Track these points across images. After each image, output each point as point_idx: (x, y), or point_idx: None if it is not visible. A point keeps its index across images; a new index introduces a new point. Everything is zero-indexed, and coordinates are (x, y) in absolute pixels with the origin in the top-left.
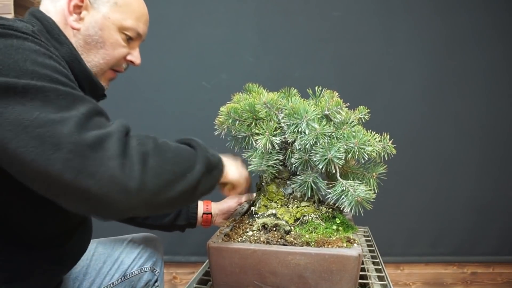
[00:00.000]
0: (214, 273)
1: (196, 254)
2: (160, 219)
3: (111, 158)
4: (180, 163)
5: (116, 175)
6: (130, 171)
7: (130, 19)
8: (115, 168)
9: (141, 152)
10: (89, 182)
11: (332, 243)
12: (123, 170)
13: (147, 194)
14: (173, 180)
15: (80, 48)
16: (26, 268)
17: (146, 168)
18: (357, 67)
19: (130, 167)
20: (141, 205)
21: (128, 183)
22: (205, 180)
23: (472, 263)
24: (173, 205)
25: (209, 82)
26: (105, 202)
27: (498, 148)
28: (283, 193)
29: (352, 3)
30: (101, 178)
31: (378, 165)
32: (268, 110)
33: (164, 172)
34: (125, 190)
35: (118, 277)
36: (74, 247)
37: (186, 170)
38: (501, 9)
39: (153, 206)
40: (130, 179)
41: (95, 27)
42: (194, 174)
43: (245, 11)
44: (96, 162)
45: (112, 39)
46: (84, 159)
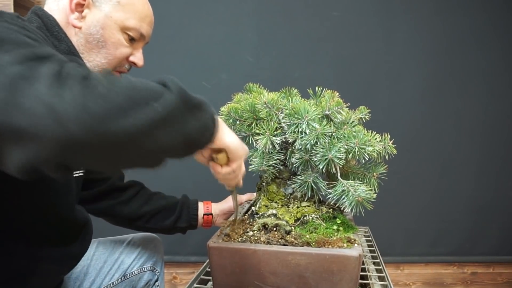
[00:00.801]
0: (214, 273)
1: (196, 254)
2: (161, 222)
3: (40, 81)
4: (141, 89)
5: (44, 97)
6: (63, 91)
7: (133, 19)
8: (44, 89)
9: (82, 74)
10: (14, 114)
11: (332, 243)
12: (53, 91)
13: (88, 119)
14: (129, 105)
15: (82, 47)
16: (28, 268)
17: (86, 88)
18: (357, 67)
19: (64, 87)
20: (84, 135)
21: (59, 103)
22: (183, 118)
23: (472, 263)
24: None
25: (209, 82)
26: (36, 135)
27: (498, 148)
28: (284, 193)
29: (352, 3)
30: (28, 105)
31: (379, 165)
32: (268, 110)
33: (115, 95)
34: (55, 112)
35: (119, 277)
36: (76, 247)
37: (149, 97)
38: (500, 9)
39: (102, 138)
40: (63, 98)
41: (96, 26)
42: (163, 103)
43: (245, 11)
44: (25, 90)
45: (114, 39)
46: (11, 90)
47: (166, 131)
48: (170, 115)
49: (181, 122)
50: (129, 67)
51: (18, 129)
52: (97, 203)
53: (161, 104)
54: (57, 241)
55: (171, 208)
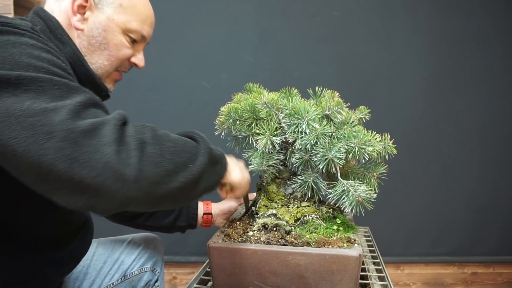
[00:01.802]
0: (214, 273)
1: (196, 254)
2: (160, 220)
3: (106, 145)
4: (181, 153)
5: (112, 162)
6: (127, 157)
7: (135, 21)
8: (111, 154)
9: (139, 139)
10: (83, 171)
11: (332, 243)
12: (119, 156)
13: (145, 183)
14: (173, 170)
15: (84, 49)
16: (27, 270)
17: (144, 155)
18: (357, 67)
19: (126, 153)
20: (140, 195)
21: (124, 170)
22: (208, 174)
23: (472, 263)
24: (174, 199)
25: (209, 82)
26: (101, 192)
27: (498, 148)
28: (284, 193)
29: (352, 3)
30: (96, 165)
31: (379, 165)
32: (268, 110)
33: (164, 161)
34: (121, 177)
35: (118, 277)
36: (76, 249)
37: (188, 161)
38: (500, 9)
39: (152, 197)
40: (127, 165)
41: (98, 28)
42: (197, 166)
43: (245, 11)
44: (90, 149)
45: (116, 41)
46: (77, 146)
47: (197, 187)
48: (201, 174)
49: (207, 177)
50: (130, 67)
51: (83, 182)
52: None
53: (196, 167)
54: (58, 243)
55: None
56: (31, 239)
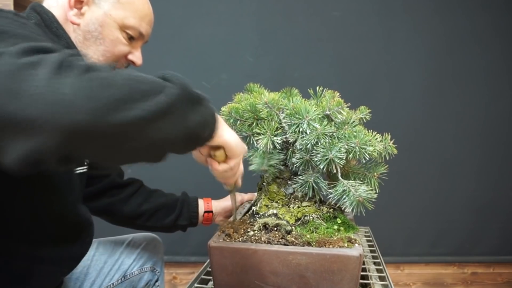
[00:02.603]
0: (215, 273)
1: (196, 254)
2: (161, 220)
3: (43, 72)
4: (145, 82)
5: (46, 85)
6: (68, 78)
7: (133, 18)
8: (45, 78)
9: (87, 64)
10: (15, 104)
11: (333, 243)
12: (54, 78)
13: (96, 107)
14: (134, 96)
15: (80, 44)
16: (27, 269)
17: (87, 76)
18: (357, 67)
19: (68, 75)
20: (86, 122)
21: (61, 89)
22: (184, 111)
23: (472, 263)
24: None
25: (209, 82)
26: (38, 124)
27: (498, 148)
28: (284, 193)
29: (352, 3)
30: (28, 93)
31: (379, 165)
32: (269, 110)
33: (120, 85)
34: (57, 99)
35: (119, 277)
36: (75, 248)
37: (154, 90)
38: (500, 9)
39: (105, 128)
40: (65, 84)
41: (95, 23)
42: (166, 96)
43: (245, 11)
44: (26, 79)
45: (113, 37)
46: (13, 79)
47: (169, 122)
48: (173, 106)
49: (183, 114)
50: (127, 65)
51: (20, 118)
52: (96, 201)
53: (165, 95)
54: (57, 242)
55: (171, 205)
56: (29, 237)
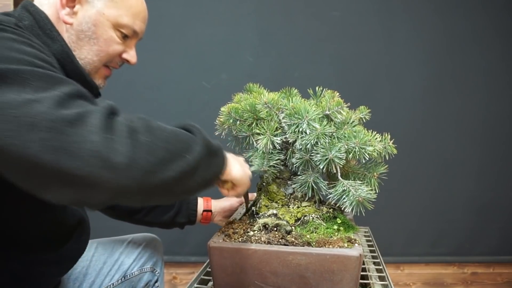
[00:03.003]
0: (215, 273)
1: (196, 254)
2: (160, 216)
3: (93, 133)
4: (176, 142)
5: (100, 150)
6: (116, 145)
7: (126, 16)
8: (98, 142)
9: (129, 127)
10: (70, 161)
11: (333, 243)
12: (107, 144)
13: (137, 171)
14: (167, 158)
15: (73, 44)
16: (23, 272)
17: (134, 142)
18: (357, 67)
19: (115, 141)
20: (131, 185)
21: (114, 157)
22: (205, 166)
23: (472, 263)
24: (169, 191)
25: (209, 82)
26: (90, 183)
27: (498, 148)
28: (284, 193)
29: (352, 3)
30: (83, 155)
31: (379, 165)
32: (269, 110)
33: (157, 149)
34: (111, 166)
35: (118, 277)
36: (72, 249)
37: (183, 150)
38: (500, 9)
39: (145, 188)
40: (116, 153)
41: (88, 22)
42: (193, 156)
43: (245, 11)
44: (76, 138)
45: (106, 36)
46: (62, 136)
47: (193, 178)
48: (198, 165)
49: (204, 169)
50: (121, 63)
51: (70, 173)
52: None
53: (192, 156)
54: (50, 243)
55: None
56: (24, 239)
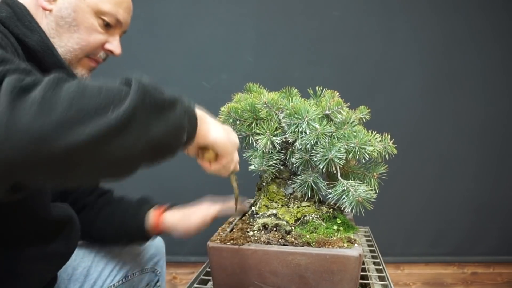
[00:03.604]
0: (214, 273)
1: (196, 254)
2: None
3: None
4: (91, 97)
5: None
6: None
7: (108, 3)
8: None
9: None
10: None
11: (333, 243)
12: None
13: (22, 137)
14: (74, 116)
15: (52, 31)
16: (10, 269)
17: (21, 100)
18: (357, 67)
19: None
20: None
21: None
22: (144, 122)
23: (472, 263)
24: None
25: (209, 82)
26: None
27: (498, 148)
28: (284, 193)
29: (352, 3)
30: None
31: (379, 165)
32: (268, 110)
33: (55, 107)
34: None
35: (120, 278)
36: (60, 246)
37: (102, 105)
38: (500, 9)
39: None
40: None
41: (68, 8)
42: (118, 111)
43: (245, 11)
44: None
45: (87, 23)
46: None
47: (125, 140)
48: (126, 122)
49: (142, 127)
50: (105, 56)
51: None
52: None
53: (116, 112)
54: (36, 241)
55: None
56: (8, 237)
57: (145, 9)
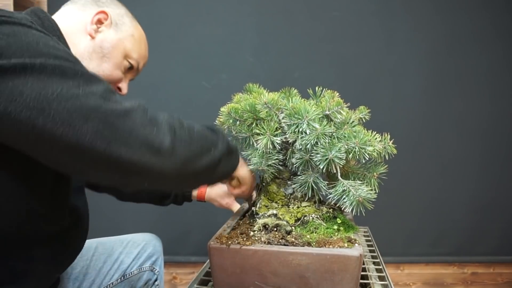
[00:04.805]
0: (215, 273)
1: (196, 254)
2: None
3: (141, 125)
4: (206, 139)
5: (149, 139)
6: (163, 136)
7: (137, 54)
8: (147, 133)
9: (170, 123)
10: (121, 149)
11: (333, 243)
12: (155, 135)
13: (178, 161)
14: (200, 152)
15: (87, 53)
16: (20, 269)
17: (176, 136)
18: (357, 67)
19: (162, 133)
20: (172, 171)
21: (160, 146)
22: (225, 161)
23: (472, 263)
24: (197, 179)
25: (209, 82)
26: (138, 169)
27: (499, 148)
28: (284, 193)
29: (352, 3)
30: (134, 143)
31: (379, 165)
32: (268, 110)
33: (193, 144)
34: (158, 153)
35: (118, 277)
36: (69, 246)
37: (211, 146)
38: (501, 9)
39: (181, 174)
40: (163, 142)
41: (109, 43)
42: (217, 151)
43: (245, 11)
44: (127, 129)
45: (117, 60)
46: (115, 127)
47: (217, 169)
48: (220, 160)
49: (225, 163)
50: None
51: (120, 159)
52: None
53: (217, 151)
54: (46, 241)
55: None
56: (21, 237)
57: (145, 9)
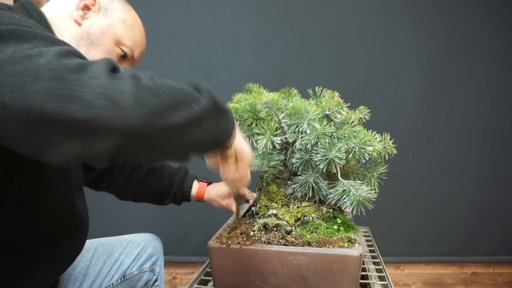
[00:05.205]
0: (215, 273)
1: (196, 254)
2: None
3: (96, 78)
4: (182, 92)
5: (105, 91)
6: (122, 86)
7: (130, 40)
8: (102, 85)
9: (134, 74)
10: (74, 106)
11: (333, 243)
12: (112, 86)
13: (145, 111)
14: (174, 105)
15: (74, 41)
16: (18, 269)
17: (139, 85)
18: (357, 67)
19: (121, 83)
20: (140, 125)
21: (120, 97)
22: (212, 120)
23: (472, 263)
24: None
25: (209, 82)
26: (96, 126)
27: (499, 148)
28: (284, 193)
29: (352, 3)
30: (86, 97)
31: (379, 165)
32: (268, 110)
33: (163, 94)
34: (116, 105)
35: (118, 277)
36: (68, 248)
37: (190, 100)
38: (501, 9)
39: (154, 131)
40: (123, 93)
41: (97, 29)
42: (200, 107)
43: (245, 11)
44: (79, 83)
45: (107, 47)
46: (65, 82)
47: (201, 128)
48: (205, 115)
49: (212, 122)
50: None
51: (75, 120)
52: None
53: (199, 106)
54: (47, 242)
55: (165, 192)
56: (20, 238)
57: (145, 9)
